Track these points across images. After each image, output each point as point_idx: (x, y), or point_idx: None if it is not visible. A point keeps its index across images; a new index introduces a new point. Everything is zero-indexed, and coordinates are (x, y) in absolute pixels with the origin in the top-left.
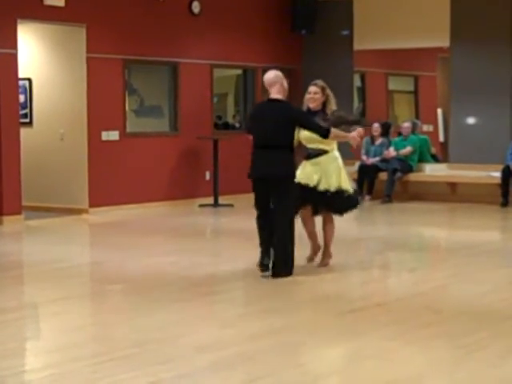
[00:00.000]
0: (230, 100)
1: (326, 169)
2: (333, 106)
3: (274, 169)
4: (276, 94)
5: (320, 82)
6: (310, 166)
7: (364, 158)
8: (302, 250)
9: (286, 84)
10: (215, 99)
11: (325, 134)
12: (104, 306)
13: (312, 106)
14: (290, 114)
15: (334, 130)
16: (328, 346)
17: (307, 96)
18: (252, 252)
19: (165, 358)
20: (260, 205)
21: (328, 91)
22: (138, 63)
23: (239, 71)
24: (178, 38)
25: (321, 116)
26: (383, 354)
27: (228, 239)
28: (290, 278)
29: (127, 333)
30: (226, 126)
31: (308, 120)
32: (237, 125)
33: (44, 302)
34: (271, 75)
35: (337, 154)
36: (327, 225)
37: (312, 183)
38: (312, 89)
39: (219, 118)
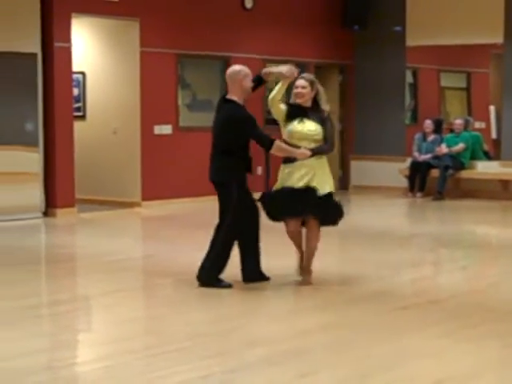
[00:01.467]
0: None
1: (319, 172)
2: (324, 103)
3: (211, 173)
4: (230, 93)
5: (308, 76)
6: (299, 168)
7: (416, 154)
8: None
9: (246, 83)
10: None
11: (268, 145)
12: (156, 299)
13: (300, 101)
14: (231, 119)
15: (279, 144)
16: (379, 343)
17: (294, 90)
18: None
19: (216, 351)
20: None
21: (318, 86)
22: (191, 57)
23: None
24: (230, 33)
25: (315, 114)
26: (434, 351)
27: (280, 235)
28: (339, 275)
29: (179, 326)
30: (276, 121)
31: (252, 128)
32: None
33: (97, 295)
34: (229, 71)
35: (325, 159)
36: (312, 234)
37: (300, 184)
38: (299, 82)
39: (269, 112)
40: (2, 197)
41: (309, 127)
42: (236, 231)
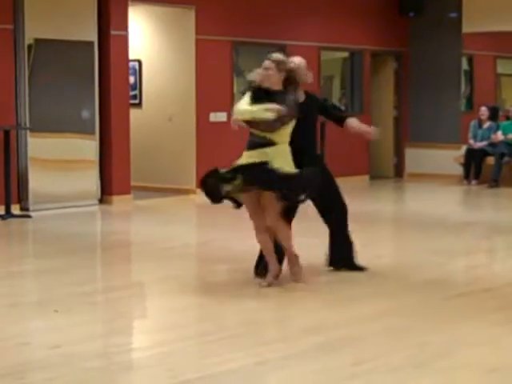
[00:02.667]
0: (336, 83)
1: (278, 160)
2: (298, 87)
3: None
4: None
5: (276, 56)
6: (258, 155)
7: (471, 141)
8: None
9: None
10: (321, 82)
11: None
12: (210, 286)
13: (266, 84)
14: None
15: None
16: (434, 331)
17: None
18: (361, 234)
19: (271, 338)
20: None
21: (292, 67)
22: (246, 45)
23: (345, 54)
24: (285, 20)
25: (283, 100)
26: (489, 340)
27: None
28: (394, 262)
29: (234, 313)
30: None
31: None
32: (343, 108)
33: (151, 281)
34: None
35: (288, 148)
36: (268, 213)
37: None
38: (264, 63)
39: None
40: (59, 184)
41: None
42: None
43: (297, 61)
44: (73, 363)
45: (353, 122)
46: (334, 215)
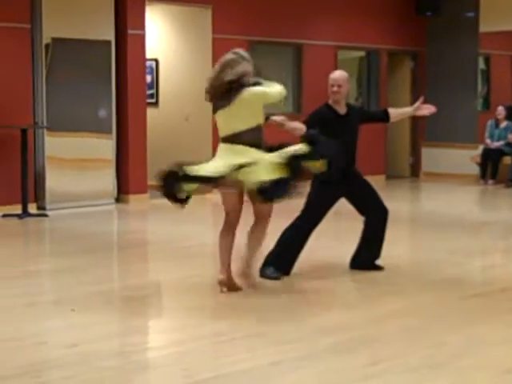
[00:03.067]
0: (353, 82)
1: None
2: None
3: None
4: None
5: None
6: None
7: (488, 141)
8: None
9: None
10: None
11: None
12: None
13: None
14: None
15: None
16: (451, 331)
17: None
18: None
19: (287, 338)
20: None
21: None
22: (263, 44)
23: (362, 53)
24: (302, 20)
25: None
26: (505, 340)
27: (347, 221)
28: (410, 262)
29: (249, 313)
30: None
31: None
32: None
33: (168, 281)
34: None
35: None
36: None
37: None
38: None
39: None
40: (76, 183)
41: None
42: None
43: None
44: (89, 362)
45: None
46: (376, 216)
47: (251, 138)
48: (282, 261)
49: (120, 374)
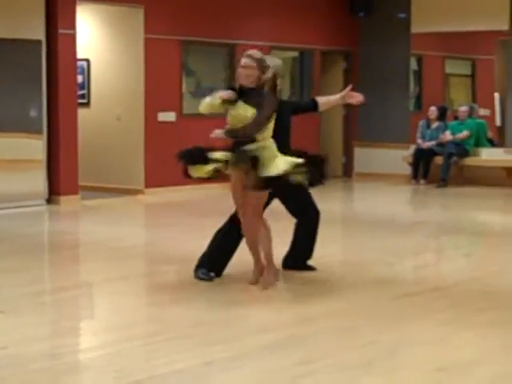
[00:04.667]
0: (286, 82)
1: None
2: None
3: None
4: None
5: (256, 53)
6: None
7: (420, 141)
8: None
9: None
10: None
11: None
12: (159, 287)
13: (244, 83)
14: None
15: None
16: (382, 330)
17: (238, 70)
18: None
19: (219, 338)
20: None
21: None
22: (195, 44)
23: (295, 54)
24: (235, 20)
25: (255, 97)
26: (437, 339)
27: (281, 221)
28: (342, 262)
29: (182, 313)
30: None
31: None
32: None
33: (100, 282)
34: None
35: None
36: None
37: None
38: (244, 61)
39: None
40: (6, 184)
41: (239, 111)
42: None
43: (277, 61)
44: (20, 364)
45: (323, 99)
46: (307, 217)
47: None
48: (214, 262)
49: (51, 376)
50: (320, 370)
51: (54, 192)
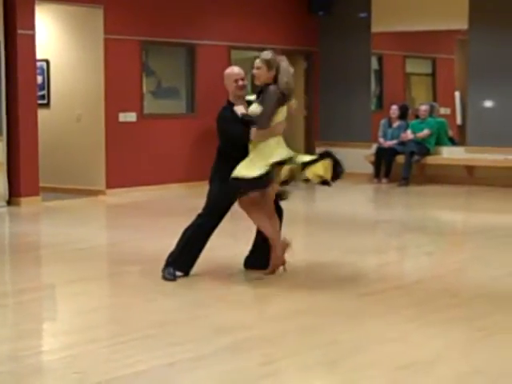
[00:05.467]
0: (247, 82)
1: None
2: (281, 80)
3: None
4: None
5: (266, 55)
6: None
7: (381, 140)
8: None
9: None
10: None
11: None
12: (122, 288)
13: (257, 83)
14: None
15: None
16: (346, 329)
17: (252, 71)
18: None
19: (183, 339)
20: None
21: (282, 63)
22: (155, 44)
23: (256, 53)
24: (195, 20)
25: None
26: (400, 336)
27: (244, 221)
28: (305, 261)
29: (145, 314)
30: None
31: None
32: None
33: (61, 283)
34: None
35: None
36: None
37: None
38: (255, 62)
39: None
40: None
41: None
42: None
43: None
44: None
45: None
46: None
47: None
48: (182, 261)
49: (13, 379)
50: (283, 369)
51: (14, 194)
